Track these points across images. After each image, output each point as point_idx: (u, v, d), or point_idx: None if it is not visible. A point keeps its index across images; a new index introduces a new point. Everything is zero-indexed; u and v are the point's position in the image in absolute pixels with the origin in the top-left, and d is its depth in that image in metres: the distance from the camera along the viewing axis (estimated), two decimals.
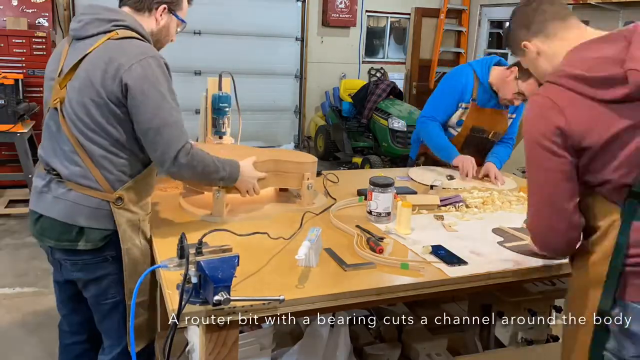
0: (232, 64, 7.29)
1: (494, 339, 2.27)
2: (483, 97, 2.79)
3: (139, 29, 1.70)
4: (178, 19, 1.82)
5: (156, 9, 1.76)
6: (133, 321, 1.42)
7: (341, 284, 1.49)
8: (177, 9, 1.81)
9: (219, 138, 2.30)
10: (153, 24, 1.77)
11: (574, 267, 1.46)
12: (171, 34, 1.85)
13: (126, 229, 1.67)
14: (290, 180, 2.11)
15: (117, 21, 1.67)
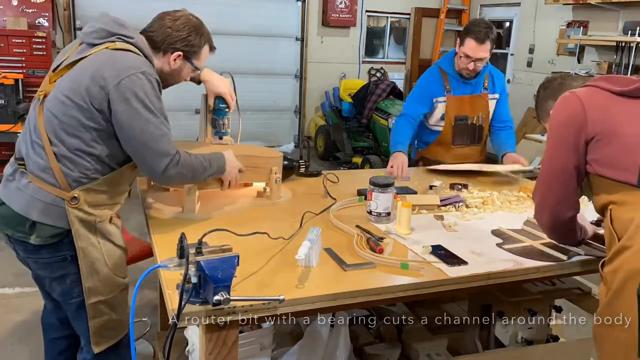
0: (232, 64, 7.25)
1: (494, 339, 2.27)
2: (456, 86, 2.90)
3: (142, 48, 1.72)
4: (193, 66, 1.85)
5: (171, 53, 1.78)
6: (133, 320, 1.42)
7: (341, 284, 1.49)
8: (194, 57, 1.83)
9: (219, 139, 2.30)
10: (165, 65, 1.80)
11: (611, 270, 1.45)
12: (181, 77, 1.88)
13: (79, 228, 1.67)
14: (258, 175, 2.15)
15: (123, 36, 1.69)
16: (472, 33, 2.70)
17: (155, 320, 2.92)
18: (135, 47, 1.70)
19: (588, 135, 1.51)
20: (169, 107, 5.55)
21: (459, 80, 2.89)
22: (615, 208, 1.47)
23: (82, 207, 1.67)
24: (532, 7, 6.95)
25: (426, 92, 2.93)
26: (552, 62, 6.69)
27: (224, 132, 2.29)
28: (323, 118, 7.58)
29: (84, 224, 1.68)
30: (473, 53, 2.72)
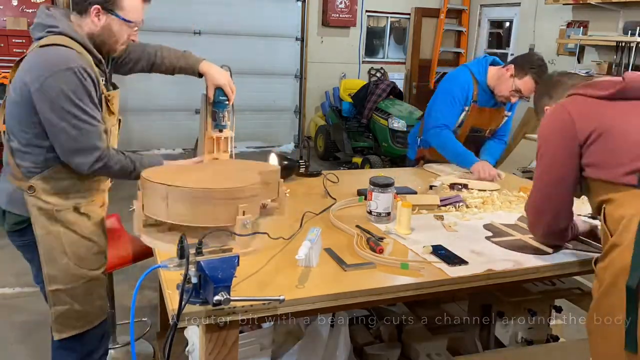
0: (232, 64, 7.25)
1: (494, 339, 2.27)
2: (483, 97, 2.83)
3: (71, 34, 1.71)
4: (121, 19, 1.77)
5: (89, 11, 1.74)
6: (133, 320, 1.41)
7: (341, 284, 1.49)
8: (115, 8, 1.75)
9: (219, 131, 2.30)
10: (92, 26, 1.76)
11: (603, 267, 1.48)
12: (116, 34, 1.79)
13: (38, 216, 1.74)
14: (271, 192, 1.82)
15: (52, 27, 1.71)
16: (537, 74, 2.58)
17: (155, 320, 2.92)
18: (63, 35, 1.69)
19: (580, 140, 1.56)
20: (169, 107, 5.65)
21: (487, 92, 2.80)
22: (607, 206, 1.51)
23: (39, 196, 1.73)
24: (532, 7, 6.95)
25: (461, 99, 2.81)
26: (552, 62, 6.68)
27: (224, 125, 2.29)
28: (323, 118, 7.58)
29: (42, 212, 1.74)
30: (528, 93, 2.62)
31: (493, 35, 8.09)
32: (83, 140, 1.68)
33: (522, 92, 2.65)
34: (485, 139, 2.98)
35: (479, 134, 2.92)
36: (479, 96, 2.81)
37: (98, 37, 1.78)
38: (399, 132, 6.18)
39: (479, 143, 2.94)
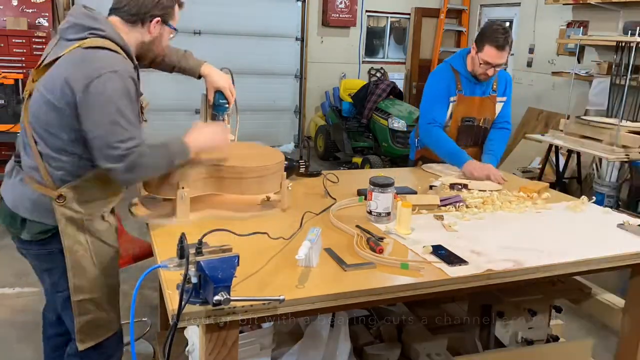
0: (232, 64, 7.23)
1: (494, 339, 2.27)
2: (467, 86, 2.86)
3: (116, 39, 1.69)
4: (170, 28, 1.83)
5: (150, 22, 1.76)
6: (133, 320, 1.41)
7: (341, 284, 1.49)
8: (170, 19, 1.81)
9: None
10: (147, 35, 1.79)
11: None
12: (163, 43, 1.86)
13: (67, 225, 1.68)
14: (267, 185, 2.01)
15: (95, 30, 1.66)
16: (492, 40, 2.65)
17: (155, 320, 2.92)
18: (108, 39, 1.67)
19: None
20: (169, 107, 5.66)
21: (471, 80, 2.85)
22: None
23: (69, 205, 1.68)
24: (532, 7, 6.95)
25: (444, 92, 2.85)
26: (552, 62, 6.68)
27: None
28: (323, 118, 7.58)
29: (71, 221, 1.69)
30: (493, 60, 2.68)
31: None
32: (119, 146, 1.60)
33: (490, 61, 2.69)
34: (480, 129, 2.95)
35: (471, 123, 2.92)
36: (463, 86, 2.85)
37: (147, 45, 1.81)
38: (399, 132, 6.18)
39: (474, 133, 2.94)
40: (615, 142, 4.07)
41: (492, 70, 2.73)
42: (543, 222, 2.12)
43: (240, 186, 1.95)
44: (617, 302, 2.21)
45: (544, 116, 6.68)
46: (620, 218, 2.19)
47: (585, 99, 5.78)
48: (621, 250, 1.86)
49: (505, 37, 2.65)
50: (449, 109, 2.88)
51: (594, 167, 5.34)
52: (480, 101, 2.88)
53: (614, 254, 1.83)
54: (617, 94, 5.06)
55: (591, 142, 4.32)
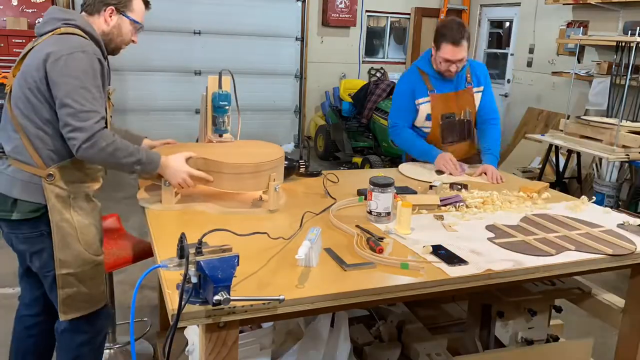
0: (232, 64, 7.25)
1: (494, 339, 2.27)
2: (438, 84, 2.85)
3: (87, 28, 1.85)
4: (130, 20, 1.95)
5: (104, 11, 1.91)
6: (133, 320, 1.41)
7: (341, 284, 1.49)
8: (126, 9, 1.94)
9: (219, 136, 2.30)
10: (104, 25, 1.92)
11: None
12: (124, 34, 1.97)
13: (55, 203, 1.82)
14: (254, 183, 2.03)
15: (68, 20, 1.84)
16: (447, 37, 2.65)
17: (155, 320, 2.92)
18: (79, 29, 1.83)
19: None
20: (169, 107, 5.71)
21: (440, 78, 2.83)
22: None
23: (57, 183, 1.82)
24: (532, 7, 6.95)
25: (410, 96, 2.86)
26: (552, 62, 6.69)
27: (224, 130, 2.29)
28: (323, 118, 7.58)
29: (59, 199, 1.82)
30: (452, 56, 2.68)
31: (493, 35, 8.08)
32: (82, 117, 1.73)
33: (449, 58, 2.69)
34: (463, 123, 2.93)
35: (452, 119, 2.91)
36: (433, 85, 2.85)
37: (107, 36, 1.93)
38: None
39: (457, 129, 2.92)
40: (615, 142, 4.08)
41: (454, 66, 2.73)
42: None
43: (230, 182, 2.02)
44: (617, 302, 2.21)
45: (544, 116, 6.69)
46: (620, 218, 2.19)
47: (585, 99, 5.79)
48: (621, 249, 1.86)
49: (460, 32, 2.65)
50: (424, 110, 2.87)
51: (594, 167, 5.35)
52: (456, 95, 2.87)
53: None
54: (617, 94, 5.06)
55: (591, 142, 4.33)
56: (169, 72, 6.93)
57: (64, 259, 1.85)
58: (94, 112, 1.75)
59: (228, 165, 2.00)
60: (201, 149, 2.14)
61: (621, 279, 3.58)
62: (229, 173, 2.00)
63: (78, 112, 1.73)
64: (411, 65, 2.98)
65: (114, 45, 1.97)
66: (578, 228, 2.02)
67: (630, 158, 4.11)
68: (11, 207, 1.82)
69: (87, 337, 1.99)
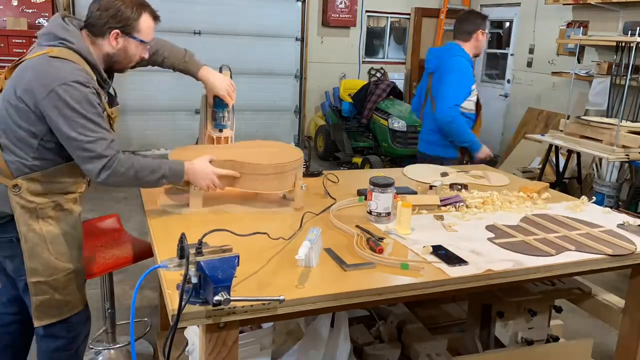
0: (232, 64, 7.25)
1: (494, 339, 2.27)
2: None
3: (83, 52, 1.77)
4: (137, 41, 1.87)
5: (109, 34, 1.82)
6: (133, 320, 1.41)
7: (341, 284, 1.49)
8: (133, 31, 1.84)
9: (219, 131, 2.30)
10: (109, 48, 1.84)
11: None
12: (130, 55, 1.89)
13: (21, 214, 1.78)
14: (280, 183, 2.04)
15: (64, 41, 1.75)
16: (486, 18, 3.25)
17: (155, 320, 2.92)
18: (75, 52, 1.75)
19: None
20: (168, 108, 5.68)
21: (472, 65, 3.24)
22: None
23: (23, 195, 1.77)
24: (532, 7, 6.95)
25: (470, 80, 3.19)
26: (552, 62, 6.68)
27: (224, 125, 2.29)
28: (323, 118, 7.58)
29: (25, 210, 1.78)
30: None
31: (493, 35, 8.08)
32: (90, 148, 1.71)
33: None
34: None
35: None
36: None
37: (112, 57, 1.86)
38: (399, 132, 6.18)
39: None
40: (615, 142, 4.07)
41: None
42: None
43: (254, 182, 2.02)
44: (617, 302, 2.21)
45: (544, 116, 6.68)
46: (620, 218, 2.19)
47: (585, 99, 5.79)
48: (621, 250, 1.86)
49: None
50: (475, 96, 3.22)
51: (594, 167, 5.35)
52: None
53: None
54: (617, 94, 5.06)
55: (591, 142, 4.32)
56: (168, 72, 6.89)
57: (34, 268, 1.82)
58: (100, 140, 1.72)
59: (251, 166, 1.99)
60: (220, 150, 2.13)
61: (621, 279, 3.58)
62: (252, 174, 2.00)
63: (84, 144, 1.70)
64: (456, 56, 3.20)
65: (121, 66, 1.93)
66: (578, 228, 2.02)
67: (630, 158, 4.11)
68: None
69: (63, 342, 1.97)
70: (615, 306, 2.19)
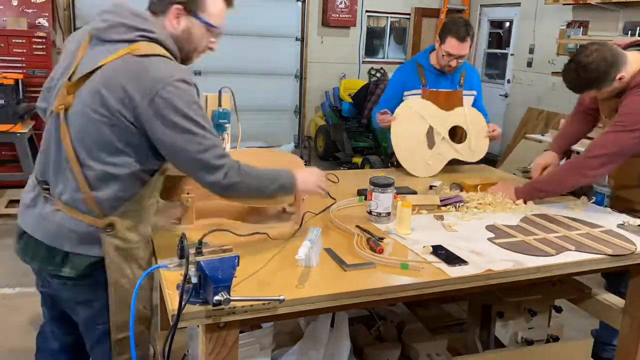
0: (232, 64, 7.29)
1: (494, 339, 2.27)
2: (432, 79, 2.93)
3: (165, 42, 1.51)
4: (203, 22, 1.58)
5: (169, 11, 1.53)
6: (133, 320, 1.41)
7: (341, 284, 1.49)
8: (197, 9, 1.56)
9: None
10: (170, 27, 1.55)
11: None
12: (196, 40, 1.60)
13: (114, 258, 1.51)
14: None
15: (145, 31, 1.48)
16: (453, 32, 2.74)
17: (155, 321, 2.92)
18: (158, 42, 1.49)
19: None
20: None
21: (435, 73, 2.91)
22: None
23: (120, 235, 1.51)
24: (532, 7, 6.95)
25: (400, 88, 2.95)
26: (552, 62, 6.68)
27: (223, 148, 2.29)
28: (323, 118, 7.58)
29: (120, 252, 1.52)
30: (455, 51, 2.77)
31: (493, 35, 8.08)
32: (206, 156, 1.47)
33: (451, 52, 2.78)
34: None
35: None
36: (427, 79, 2.92)
37: (176, 44, 1.56)
38: None
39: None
40: None
41: (455, 61, 2.81)
42: None
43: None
44: (617, 302, 2.21)
45: (544, 116, 6.68)
46: (620, 218, 2.19)
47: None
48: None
49: (465, 29, 2.76)
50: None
51: None
52: (446, 95, 2.89)
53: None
54: None
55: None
56: None
57: (121, 322, 1.55)
58: (213, 148, 1.48)
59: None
60: None
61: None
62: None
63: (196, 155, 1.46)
64: (410, 59, 3.05)
65: (184, 54, 1.60)
66: (578, 228, 2.02)
67: None
68: (61, 262, 1.50)
69: None
70: (615, 306, 2.19)
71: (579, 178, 2.23)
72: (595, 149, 2.18)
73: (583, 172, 2.20)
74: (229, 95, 2.21)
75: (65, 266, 1.51)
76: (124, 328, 1.55)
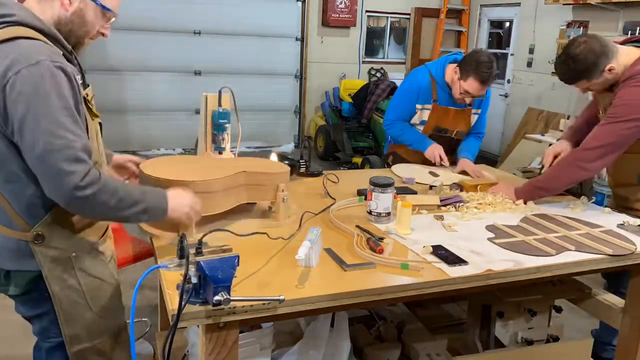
0: (232, 64, 7.30)
1: (494, 339, 2.27)
2: (443, 96, 2.84)
3: (31, 22, 1.34)
4: (98, 5, 1.43)
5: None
6: (133, 320, 1.41)
7: (341, 284, 1.49)
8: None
9: (219, 153, 2.31)
10: (62, 10, 1.40)
11: None
12: (89, 23, 1.44)
13: (52, 269, 1.42)
14: (263, 193, 1.92)
15: (4, 16, 1.34)
16: (477, 73, 2.61)
17: (155, 320, 2.92)
18: (22, 25, 1.33)
19: None
20: (169, 107, 5.68)
21: (447, 92, 2.82)
22: None
23: (50, 244, 1.42)
24: (532, 7, 6.95)
25: (413, 99, 2.86)
26: (552, 62, 6.68)
27: (224, 148, 2.30)
28: (323, 118, 7.58)
29: (57, 262, 1.43)
30: (475, 92, 2.67)
31: (493, 35, 8.09)
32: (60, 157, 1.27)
33: (470, 93, 2.68)
34: (453, 140, 2.95)
35: (444, 134, 2.92)
36: (438, 95, 2.84)
37: (65, 26, 1.42)
38: None
39: (446, 144, 2.89)
40: None
41: (471, 99, 2.75)
42: None
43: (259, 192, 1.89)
44: (617, 302, 2.21)
45: (544, 116, 6.69)
46: (620, 218, 2.19)
47: (585, 99, 5.78)
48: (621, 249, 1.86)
49: (490, 72, 2.62)
50: (421, 117, 2.89)
51: None
52: (455, 113, 2.87)
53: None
54: None
55: None
56: (168, 72, 6.92)
57: (74, 334, 1.50)
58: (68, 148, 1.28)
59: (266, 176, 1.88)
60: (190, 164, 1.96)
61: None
62: (266, 185, 1.89)
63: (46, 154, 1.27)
64: (423, 66, 2.95)
65: (75, 38, 1.45)
66: (578, 228, 2.02)
67: None
68: (5, 281, 1.46)
69: None
70: (615, 306, 2.19)
71: (577, 171, 2.21)
72: (591, 142, 2.18)
73: (580, 165, 2.19)
74: (229, 95, 2.21)
75: (9, 285, 1.47)
76: (81, 340, 1.52)
